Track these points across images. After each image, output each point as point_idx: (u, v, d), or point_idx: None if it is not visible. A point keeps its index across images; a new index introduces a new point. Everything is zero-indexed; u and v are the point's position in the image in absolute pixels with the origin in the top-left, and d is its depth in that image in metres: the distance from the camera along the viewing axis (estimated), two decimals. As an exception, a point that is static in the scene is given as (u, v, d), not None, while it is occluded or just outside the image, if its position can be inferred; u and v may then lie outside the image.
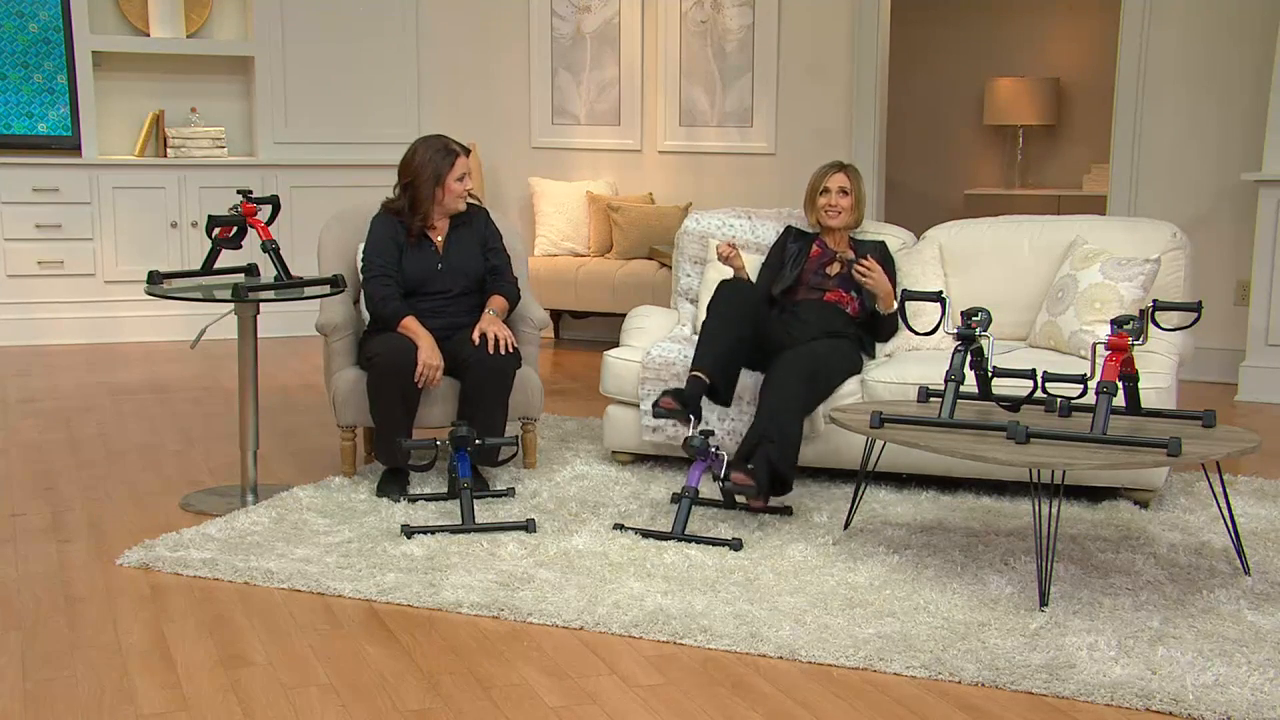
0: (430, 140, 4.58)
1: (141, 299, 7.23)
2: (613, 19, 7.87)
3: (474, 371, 4.35)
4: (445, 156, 4.50)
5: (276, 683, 3.00)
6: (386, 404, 4.33)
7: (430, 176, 4.49)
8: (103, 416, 5.64)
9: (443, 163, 4.49)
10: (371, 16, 7.90)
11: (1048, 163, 9.53)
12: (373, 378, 4.36)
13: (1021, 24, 9.43)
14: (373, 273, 4.46)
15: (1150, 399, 4.07)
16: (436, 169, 4.49)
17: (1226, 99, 6.41)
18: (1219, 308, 6.38)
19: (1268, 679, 2.97)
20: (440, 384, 4.38)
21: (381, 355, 4.32)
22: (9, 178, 7.27)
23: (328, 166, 7.82)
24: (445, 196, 4.52)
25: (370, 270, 4.47)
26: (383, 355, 4.32)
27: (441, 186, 4.50)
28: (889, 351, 4.72)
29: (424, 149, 4.53)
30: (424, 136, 4.64)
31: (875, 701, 2.92)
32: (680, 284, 5.17)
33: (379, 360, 4.32)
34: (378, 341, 4.40)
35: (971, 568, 3.72)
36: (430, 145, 4.54)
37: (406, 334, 4.36)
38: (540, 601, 3.44)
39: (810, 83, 7.41)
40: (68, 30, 7.39)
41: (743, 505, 4.17)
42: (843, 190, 4.74)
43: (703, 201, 7.32)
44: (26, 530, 4.09)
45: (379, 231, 4.52)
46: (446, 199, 4.53)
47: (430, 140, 4.58)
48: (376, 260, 4.47)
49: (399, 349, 4.32)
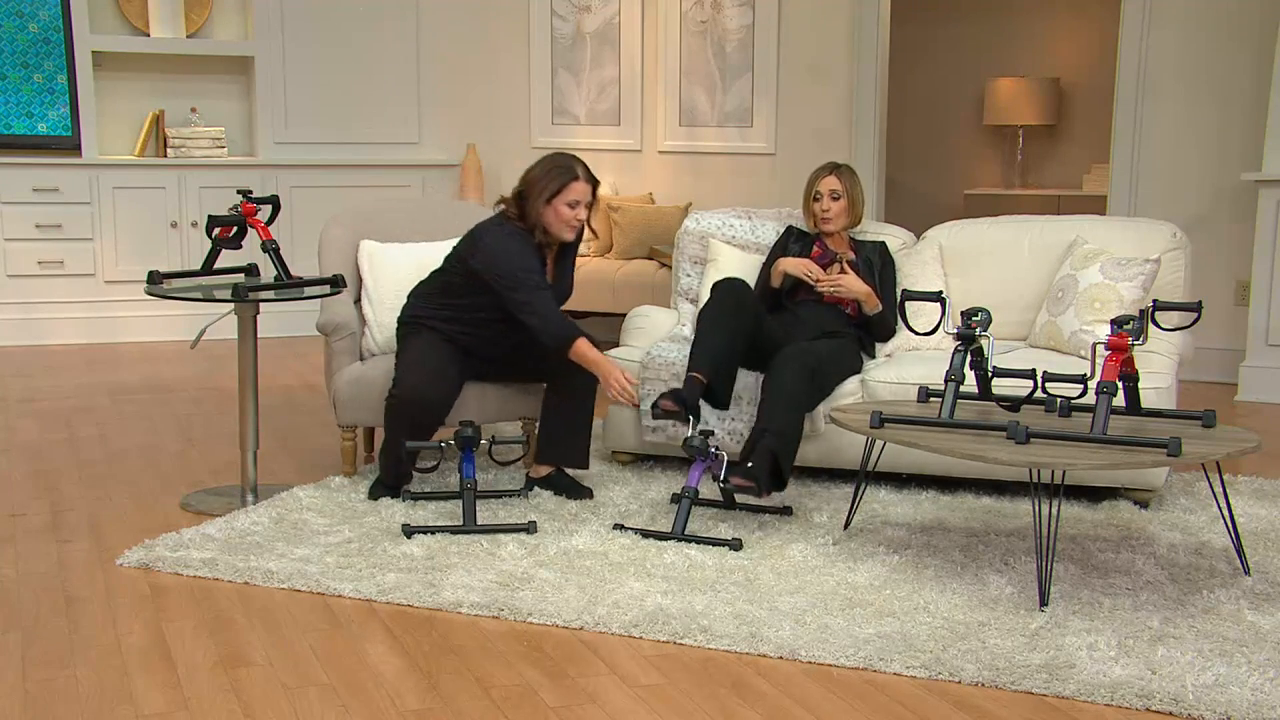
0: (559, 157, 4.28)
1: (141, 299, 7.23)
2: (613, 19, 7.87)
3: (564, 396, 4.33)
4: (561, 175, 4.20)
5: (276, 683, 3.00)
6: (404, 432, 4.17)
7: (541, 193, 4.19)
8: (103, 416, 5.64)
9: (556, 182, 4.19)
10: (371, 17, 7.90)
11: (1048, 163, 9.53)
12: (398, 406, 4.19)
13: (1021, 24, 9.44)
14: (534, 283, 4.12)
15: (1150, 399, 4.07)
16: (550, 186, 4.19)
17: (1226, 99, 6.41)
18: (1219, 308, 6.38)
19: (1268, 679, 2.97)
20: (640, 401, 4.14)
21: (412, 387, 4.16)
22: (9, 178, 7.27)
23: (328, 166, 7.82)
24: (552, 219, 4.22)
25: (530, 282, 4.12)
26: (413, 387, 4.16)
27: (550, 207, 4.20)
28: (889, 351, 4.72)
29: (547, 163, 4.24)
30: (559, 152, 4.35)
31: (875, 701, 2.92)
32: (680, 284, 5.17)
33: (407, 393, 4.15)
34: (412, 366, 4.22)
35: (971, 568, 3.72)
36: (553, 161, 4.25)
37: (581, 360, 4.11)
38: (540, 601, 3.44)
39: (810, 83, 7.41)
40: (68, 30, 7.39)
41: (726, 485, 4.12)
42: (834, 194, 4.74)
43: (703, 201, 7.32)
44: (26, 530, 4.09)
45: (517, 244, 4.18)
46: (552, 222, 4.22)
47: (559, 157, 4.28)
48: (532, 274, 4.14)
49: (432, 379, 4.17)
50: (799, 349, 4.31)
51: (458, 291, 4.31)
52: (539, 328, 4.13)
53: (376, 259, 4.70)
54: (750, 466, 4.03)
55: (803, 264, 4.64)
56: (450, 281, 4.34)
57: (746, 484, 3.98)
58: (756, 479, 4.01)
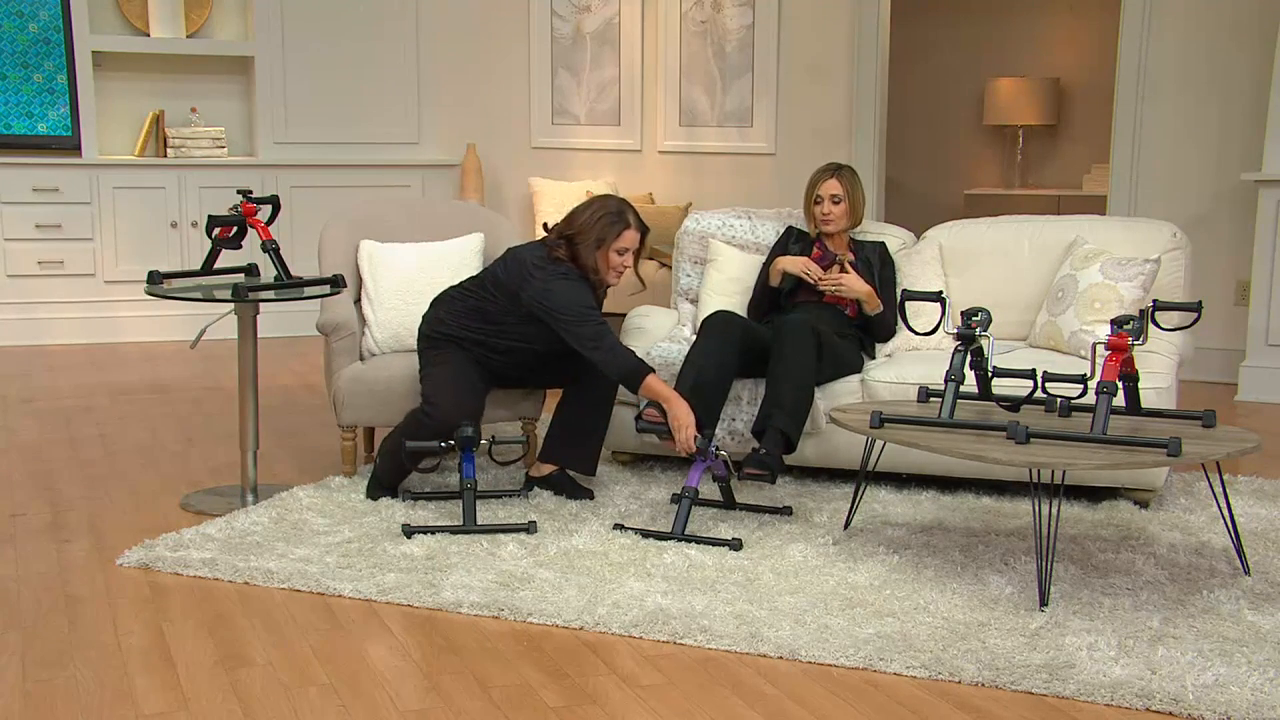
0: (610, 201, 4.28)
1: (141, 299, 7.23)
2: (613, 19, 7.87)
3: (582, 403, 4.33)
4: (615, 223, 4.20)
5: (276, 683, 3.00)
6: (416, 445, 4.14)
7: (593, 239, 4.18)
8: (103, 416, 5.64)
9: (609, 229, 4.18)
10: (371, 16, 7.90)
11: (1048, 163, 9.53)
12: (432, 425, 4.12)
13: (1021, 24, 9.43)
14: (597, 319, 4.11)
15: (1150, 399, 4.07)
16: (601, 233, 4.18)
17: (1226, 99, 6.41)
18: (1219, 308, 6.38)
19: (1268, 679, 2.97)
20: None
21: (449, 407, 4.13)
22: (9, 178, 7.27)
23: (328, 166, 7.82)
24: (601, 265, 4.21)
25: (594, 318, 4.11)
26: (451, 407, 4.13)
27: (603, 253, 4.20)
28: (889, 351, 4.72)
29: (598, 207, 4.23)
30: (609, 196, 4.37)
31: (875, 701, 2.92)
32: (680, 284, 5.17)
33: (445, 413, 4.11)
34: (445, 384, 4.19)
35: (971, 568, 3.72)
36: (605, 205, 4.24)
37: (653, 395, 4.05)
38: (540, 601, 3.44)
39: (810, 83, 7.41)
40: (68, 30, 7.39)
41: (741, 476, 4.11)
42: (835, 198, 4.74)
43: (703, 201, 7.31)
44: (26, 530, 4.09)
45: (572, 286, 4.15)
46: (601, 268, 4.21)
47: (610, 201, 4.28)
48: (595, 310, 4.15)
49: (466, 398, 4.16)
50: (801, 320, 4.31)
51: (493, 318, 4.27)
52: (606, 362, 4.09)
53: (376, 259, 4.71)
54: (764, 453, 4.05)
55: (802, 263, 4.65)
56: (484, 307, 4.27)
57: (760, 473, 4.03)
58: (770, 467, 4.02)
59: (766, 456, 4.08)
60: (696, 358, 4.28)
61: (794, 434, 4.18)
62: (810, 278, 4.61)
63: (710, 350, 4.29)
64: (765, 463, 4.05)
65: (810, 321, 4.35)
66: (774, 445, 4.13)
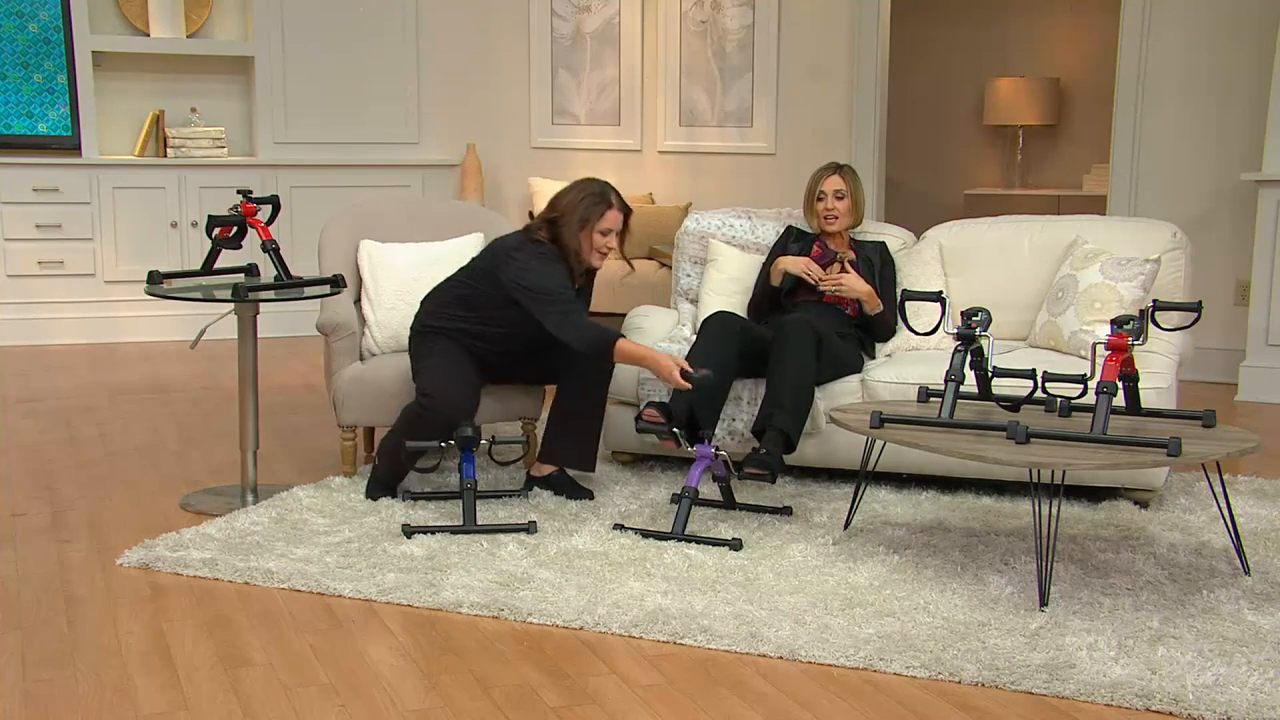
0: (590, 183, 4.29)
1: (141, 299, 7.23)
2: (613, 19, 7.87)
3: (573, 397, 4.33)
4: (598, 204, 4.21)
5: (276, 683, 3.00)
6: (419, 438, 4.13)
7: (576, 220, 4.20)
8: (103, 416, 5.64)
9: (593, 210, 4.20)
10: (371, 17, 7.90)
11: (1048, 163, 9.53)
12: (429, 416, 4.13)
13: (1021, 24, 9.43)
14: (567, 299, 4.13)
15: (1150, 399, 4.07)
16: (585, 214, 4.20)
17: (1226, 99, 6.41)
18: (1219, 308, 6.38)
19: (1268, 679, 2.97)
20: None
21: (444, 395, 4.14)
22: (9, 178, 7.27)
23: (328, 166, 7.82)
24: (585, 246, 4.23)
25: (564, 298, 4.12)
26: (445, 395, 4.14)
27: (584, 234, 4.21)
28: (889, 351, 4.72)
29: (581, 189, 4.25)
30: (591, 179, 4.34)
31: (875, 701, 2.92)
32: (680, 284, 5.17)
33: (440, 403, 4.12)
34: (439, 374, 4.20)
35: (971, 568, 3.72)
36: (587, 188, 4.26)
37: (628, 359, 4.08)
38: (540, 601, 3.44)
39: (810, 83, 7.41)
40: (68, 30, 7.39)
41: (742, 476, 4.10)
42: (838, 194, 4.74)
43: (703, 201, 7.32)
44: (26, 530, 4.09)
45: (550, 263, 4.18)
46: (585, 249, 4.23)
47: (590, 183, 4.29)
48: (566, 291, 4.14)
49: (461, 386, 4.17)
50: (801, 320, 4.32)
51: (477, 304, 4.29)
52: (574, 339, 4.10)
53: (376, 259, 4.71)
54: (764, 453, 4.05)
55: (802, 262, 4.65)
56: (469, 294, 4.30)
57: (760, 473, 4.03)
58: (770, 467, 4.03)
59: (767, 456, 4.08)
60: (697, 358, 4.28)
61: (794, 434, 4.18)
62: (810, 278, 4.62)
63: (710, 350, 4.29)
64: (765, 463, 4.06)
65: (810, 321, 4.35)
66: (774, 445, 4.13)
